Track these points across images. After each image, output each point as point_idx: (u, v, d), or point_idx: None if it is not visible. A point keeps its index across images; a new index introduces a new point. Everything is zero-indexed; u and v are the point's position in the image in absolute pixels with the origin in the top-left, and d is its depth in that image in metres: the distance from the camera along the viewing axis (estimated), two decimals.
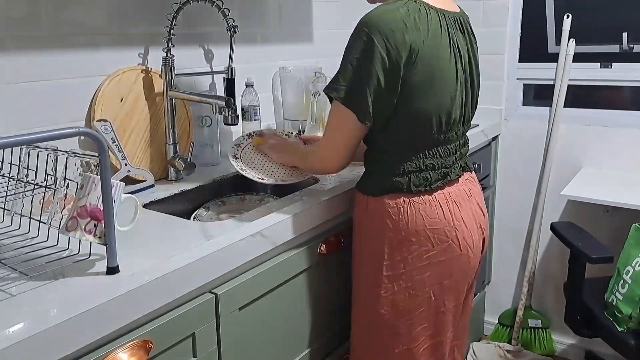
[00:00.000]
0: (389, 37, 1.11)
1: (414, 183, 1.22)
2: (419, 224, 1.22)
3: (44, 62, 1.34)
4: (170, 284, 0.97)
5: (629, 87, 2.19)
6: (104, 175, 0.89)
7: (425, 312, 1.27)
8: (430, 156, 1.23)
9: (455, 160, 1.29)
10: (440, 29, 1.18)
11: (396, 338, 1.29)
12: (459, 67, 1.22)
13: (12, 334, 0.76)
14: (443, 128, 1.22)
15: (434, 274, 1.25)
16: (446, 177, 1.25)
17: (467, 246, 1.26)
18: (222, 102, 1.46)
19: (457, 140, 1.29)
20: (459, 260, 1.26)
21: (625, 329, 1.74)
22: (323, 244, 1.35)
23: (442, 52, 1.18)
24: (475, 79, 1.32)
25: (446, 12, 1.22)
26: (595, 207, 2.20)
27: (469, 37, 1.30)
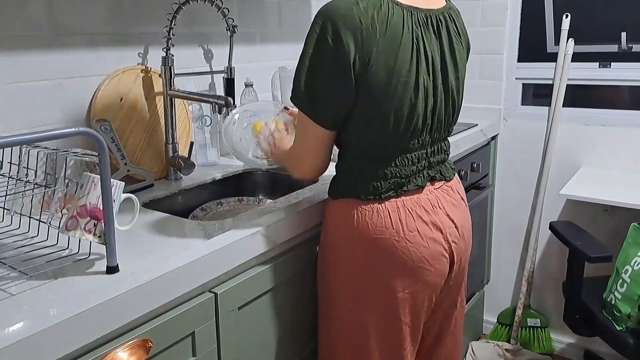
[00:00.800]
0: (342, 31, 1.04)
1: (364, 191, 1.15)
2: (366, 232, 1.14)
3: (43, 61, 1.34)
4: (170, 283, 0.97)
5: (627, 87, 2.20)
6: (103, 174, 0.89)
7: (380, 324, 1.20)
8: (383, 165, 1.15)
9: (418, 170, 1.18)
10: (401, 28, 1.08)
11: (355, 349, 1.23)
12: (422, 71, 1.11)
13: (11, 334, 0.76)
14: (400, 136, 1.13)
15: (384, 285, 1.17)
16: (401, 188, 1.15)
17: (422, 258, 1.16)
18: (222, 101, 1.46)
19: (421, 149, 1.18)
20: (412, 273, 1.16)
21: (624, 328, 1.74)
22: None
23: (401, 55, 1.08)
24: (454, 83, 1.19)
25: (416, 9, 1.11)
26: (594, 206, 2.21)
27: (448, 37, 1.18)
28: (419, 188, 1.18)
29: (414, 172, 1.17)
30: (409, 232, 1.15)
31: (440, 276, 1.21)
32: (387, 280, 1.17)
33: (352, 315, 1.21)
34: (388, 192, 1.15)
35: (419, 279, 1.18)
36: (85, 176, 0.95)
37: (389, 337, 1.21)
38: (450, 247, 1.21)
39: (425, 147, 1.19)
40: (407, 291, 1.18)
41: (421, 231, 1.16)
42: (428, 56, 1.13)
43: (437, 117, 1.18)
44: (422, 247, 1.16)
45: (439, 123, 1.19)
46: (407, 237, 1.14)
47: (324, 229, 1.25)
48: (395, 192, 1.15)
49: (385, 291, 1.17)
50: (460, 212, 1.25)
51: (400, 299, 1.18)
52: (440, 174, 1.23)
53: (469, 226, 1.30)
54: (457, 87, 1.22)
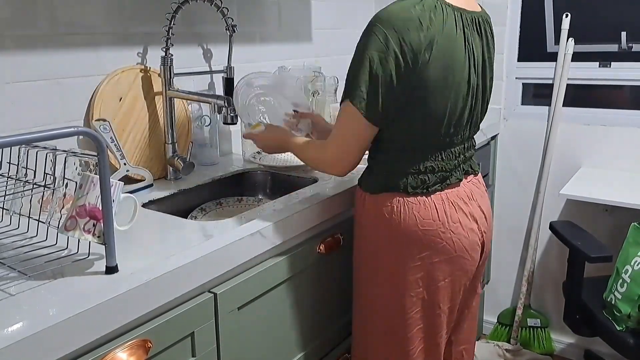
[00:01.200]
0: (404, 35, 1.09)
1: (411, 185, 1.20)
2: (412, 225, 1.20)
3: (42, 61, 1.34)
4: (169, 284, 0.97)
5: (627, 87, 2.20)
6: (102, 174, 0.89)
7: (420, 313, 1.26)
8: (431, 159, 1.21)
9: (458, 164, 1.26)
10: (455, 28, 1.15)
11: (392, 338, 1.28)
12: (471, 70, 1.20)
13: (11, 334, 0.76)
14: (450, 131, 1.20)
15: (427, 275, 1.23)
16: (445, 181, 1.23)
17: (463, 248, 1.24)
18: (221, 101, 1.46)
19: (461, 143, 1.27)
20: (454, 262, 1.24)
21: (624, 328, 1.74)
22: (322, 244, 1.35)
23: (457, 53, 1.15)
24: (488, 83, 1.29)
25: (464, 11, 1.19)
26: (594, 206, 2.21)
27: (486, 38, 1.27)
28: (458, 181, 1.26)
29: (455, 166, 1.25)
30: (453, 224, 1.22)
31: (474, 265, 1.29)
32: (430, 270, 1.23)
33: (393, 304, 1.26)
34: (435, 186, 1.21)
35: (459, 268, 1.25)
36: (85, 176, 0.95)
37: (427, 325, 1.28)
38: (482, 237, 1.30)
39: (464, 142, 1.28)
40: (447, 280, 1.25)
41: (462, 222, 1.23)
42: (476, 56, 1.21)
43: (476, 113, 1.27)
44: (464, 237, 1.23)
45: (476, 119, 1.29)
46: (451, 228, 1.22)
47: (359, 224, 1.30)
48: (440, 185, 1.22)
49: (428, 280, 1.23)
50: (487, 204, 1.34)
51: (441, 288, 1.25)
52: (471, 167, 1.32)
53: (491, 216, 1.38)
54: (491, 87, 1.32)
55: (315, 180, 1.54)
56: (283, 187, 1.63)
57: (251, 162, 1.73)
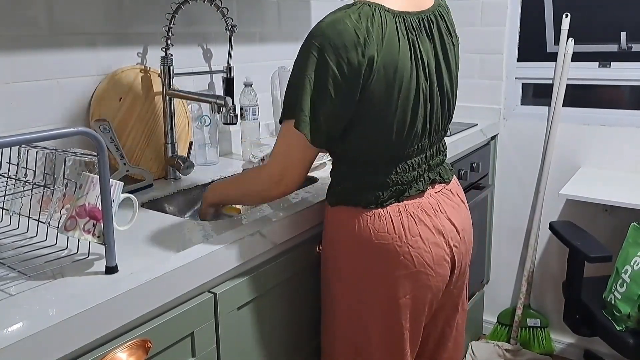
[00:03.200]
0: (341, 52, 1.02)
1: (365, 199, 1.14)
2: (367, 237, 1.14)
3: (42, 61, 1.34)
4: (169, 284, 0.97)
5: (627, 87, 2.20)
6: (102, 174, 0.89)
7: (381, 329, 1.19)
8: (384, 173, 1.14)
9: (419, 175, 1.18)
10: (397, 36, 1.07)
11: (357, 354, 1.23)
12: (420, 77, 1.11)
13: (11, 334, 0.76)
14: (402, 143, 1.13)
15: (386, 290, 1.16)
16: (402, 194, 1.15)
17: (424, 263, 1.15)
18: (221, 101, 1.46)
19: (421, 153, 1.18)
20: (415, 278, 1.16)
21: (624, 328, 1.74)
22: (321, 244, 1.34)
23: (400, 63, 1.07)
24: (448, 84, 1.19)
25: (407, 14, 1.10)
26: (594, 206, 2.21)
27: (440, 37, 1.17)
28: (420, 192, 1.18)
29: (414, 178, 1.17)
30: (412, 237, 1.14)
31: (441, 281, 1.21)
32: (389, 286, 1.16)
33: (354, 319, 1.21)
34: (389, 200, 1.14)
35: (421, 284, 1.17)
36: (84, 176, 0.95)
37: (389, 341, 1.21)
38: (452, 252, 1.21)
39: (424, 151, 1.19)
40: (408, 296, 1.17)
41: (423, 236, 1.15)
42: (424, 61, 1.12)
43: (434, 120, 1.18)
44: (425, 252, 1.15)
45: (437, 126, 1.19)
46: (409, 242, 1.14)
47: (324, 235, 1.25)
48: (396, 200, 1.15)
49: (386, 296, 1.17)
50: (460, 215, 1.25)
51: (402, 304, 1.17)
52: (439, 176, 1.23)
53: (470, 229, 1.29)
54: (451, 88, 1.21)
55: (315, 180, 1.54)
56: None
57: (251, 162, 1.73)
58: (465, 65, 2.40)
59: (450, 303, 1.31)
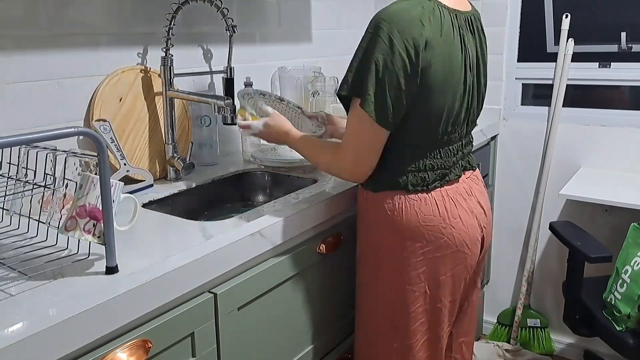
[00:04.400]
0: (408, 36, 1.10)
1: (411, 182, 1.22)
2: (413, 221, 1.22)
3: (42, 61, 1.34)
4: (169, 284, 0.97)
5: (627, 87, 2.20)
6: (102, 174, 0.89)
7: (422, 307, 1.28)
8: (431, 157, 1.23)
9: (457, 161, 1.29)
10: (452, 29, 1.18)
11: (395, 332, 1.30)
12: (467, 69, 1.22)
13: (11, 334, 0.76)
14: (448, 129, 1.23)
15: (429, 270, 1.25)
16: (444, 178, 1.25)
17: (463, 243, 1.26)
18: (221, 101, 1.46)
19: (459, 141, 1.29)
20: (455, 257, 1.26)
21: (624, 328, 1.74)
22: (322, 244, 1.35)
23: (454, 54, 1.18)
24: (482, 80, 1.31)
25: (458, 12, 1.21)
26: (594, 206, 2.21)
27: (479, 37, 1.29)
28: (457, 177, 1.28)
29: (454, 163, 1.27)
30: (453, 219, 1.24)
31: (474, 259, 1.31)
32: (432, 265, 1.25)
33: (395, 298, 1.28)
34: (434, 183, 1.24)
35: (460, 262, 1.27)
36: (85, 176, 0.95)
37: (430, 319, 1.30)
38: (482, 232, 1.32)
39: (462, 139, 1.31)
40: (448, 274, 1.27)
41: (462, 218, 1.25)
42: (471, 55, 1.24)
43: (472, 110, 1.29)
44: (464, 232, 1.25)
45: (473, 116, 1.31)
46: (452, 223, 1.24)
47: (362, 220, 1.32)
48: (440, 182, 1.24)
49: (429, 275, 1.25)
50: (486, 199, 1.36)
51: (442, 282, 1.27)
52: (469, 163, 1.35)
53: (491, 211, 1.39)
54: (485, 84, 1.34)
55: (315, 180, 1.54)
56: (283, 187, 1.63)
57: (251, 162, 1.73)
58: None
59: (471, 280, 1.38)
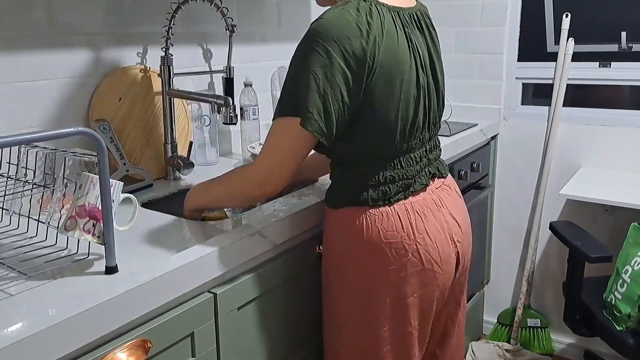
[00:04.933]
0: (346, 45, 1.02)
1: (372, 197, 1.13)
2: (375, 237, 1.13)
3: (42, 61, 1.33)
4: (169, 284, 0.97)
5: (627, 87, 2.19)
6: (102, 174, 0.89)
7: (389, 330, 1.18)
8: (390, 168, 1.14)
9: (421, 169, 1.19)
10: (395, 28, 1.09)
11: (363, 356, 1.21)
12: (419, 69, 1.13)
13: (10, 334, 0.76)
14: (406, 136, 1.13)
15: (395, 290, 1.15)
16: (408, 189, 1.15)
17: (431, 261, 1.15)
18: (221, 101, 1.46)
19: (422, 147, 1.19)
20: (422, 276, 1.16)
21: (624, 328, 1.74)
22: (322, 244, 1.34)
23: (400, 55, 1.08)
24: (440, 78, 1.21)
25: (400, 9, 1.12)
26: (594, 206, 2.21)
27: (428, 32, 1.20)
28: (424, 187, 1.18)
29: (417, 172, 1.18)
30: (419, 234, 1.14)
31: (448, 278, 1.21)
32: (397, 285, 1.15)
33: (361, 322, 1.19)
34: (397, 195, 1.14)
35: (429, 282, 1.17)
36: (84, 176, 0.95)
37: (398, 342, 1.20)
38: (456, 247, 1.21)
39: (424, 144, 1.20)
40: (416, 295, 1.17)
41: (430, 233, 1.15)
42: (421, 53, 1.15)
43: (432, 113, 1.19)
44: (432, 248, 1.15)
45: (434, 118, 1.21)
46: (417, 239, 1.14)
47: (326, 239, 1.23)
48: (404, 194, 1.15)
49: (395, 296, 1.16)
50: (460, 210, 1.26)
51: (410, 303, 1.17)
52: (437, 170, 1.24)
53: (469, 223, 1.29)
54: (443, 81, 1.24)
55: (315, 180, 1.54)
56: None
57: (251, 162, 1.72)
58: (465, 65, 2.41)
59: (452, 299, 1.31)
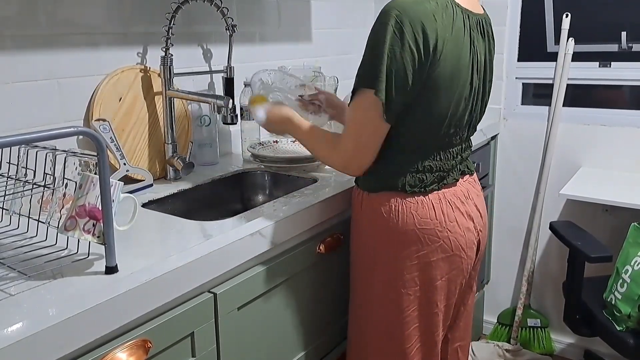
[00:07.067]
0: (419, 29, 1.07)
1: (409, 183, 1.20)
2: (410, 223, 1.20)
3: (42, 61, 1.33)
4: (169, 284, 0.97)
5: (627, 86, 2.19)
6: (102, 174, 0.89)
7: (417, 311, 1.26)
8: (430, 158, 1.21)
9: (455, 165, 1.26)
10: (463, 29, 1.15)
11: (389, 337, 1.28)
12: (474, 71, 1.20)
13: (10, 334, 0.76)
14: (451, 131, 1.20)
15: (424, 274, 1.23)
16: (442, 181, 1.23)
17: (459, 247, 1.24)
18: (221, 101, 1.46)
19: (460, 144, 1.27)
20: (451, 261, 1.24)
21: (624, 328, 1.74)
22: (322, 244, 1.35)
23: (463, 55, 1.15)
24: (488, 85, 1.29)
25: (470, 13, 1.19)
26: (594, 206, 2.21)
27: (488, 41, 1.27)
28: (455, 181, 1.26)
29: (453, 166, 1.25)
30: (450, 223, 1.22)
31: (470, 263, 1.30)
32: (427, 269, 1.23)
33: (390, 303, 1.26)
34: (432, 185, 1.22)
35: (456, 266, 1.25)
36: (84, 176, 0.95)
37: (424, 324, 1.28)
38: (478, 235, 1.30)
39: (462, 143, 1.28)
40: (444, 278, 1.25)
41: (459, 221, 1.24)
42: (479, 58, 1.22)
43: (475, 114, 1.27)
44: (460, 236, 1.24)
45: (475, 121, 1.29)
46: (448, 227, 1.22)
47: (356, 222, 1.30)
48: (437, 185, 1.22)
49: (425, 279, 1.24)
50: (482, 203, 1.35)
51: (438, 286, 1.25)
52: (467, 167, 1.33)
53: (487, 215, 1.38)
54: (490, 89, 1.32)
55: (315, 180, 1.54)
56: (283, 187, 1.63)
57: (251, 162, 1.73)
58: None
59: (467, 284, 1.36)
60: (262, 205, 1.31)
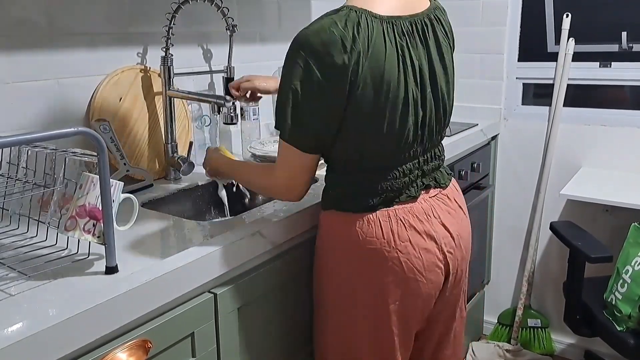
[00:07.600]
0: (327, 60, 1.01)
1: (356, 205, 1.13)
2: (356, 242, 1.13)
3: (42, 61, 1.33)
4: (169, 284, 0.97)
5: (628, 86, 2.19)
6: (102, 174, 0.89)
7: (372, 336, 1.18)
8: (375, 180, 1.13)
9: (411, 181, 1.15)
10: (384, 43, 1.05)
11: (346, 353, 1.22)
12: (410, 83, 1.08)
13: (10, 334, 0.76)
14: (393, 151, 1.12)
15: (376, 296, 1.15)
16: (392, 201, 1.13)
17: (414, 270, 1.13)
18: (221, 101, 1.46)
19: (413, 160, 1.15)
20: (404, 284, 1.14)
21: (625, 328, 1.74)
22: None
23: (388, 70, 1.05)
24: (444, 88, 1.16)
25: (398, 19, 1.08)
26: (594, 206, 2.20)
27: (434, 41, 1.14)
28: (413, 198, 1.16)
29: (406, 184, 1.15)
30: (401, 243, 1.12)
31: (433, 288, 1.18)
32: (378, 291, 1.15)
33: (345, 324, 1.20)
34: (380, 206, 1.13)
35: (411, 291, 1.15)
36: (84, 176, 0.95)
37: (380, 347, 1.20)
38: (445, 258, 1.18)
39: (417, 157, 1.17)
40: (397, 302, 1.16)
41: (413, 241, 1.13)
42: (415, 66, 1.10)
43: (427, 127, 1.15)
44: (415, 257, 1.13)
45: (430, 133, 1.16)
46: (398, 247, 1.12)
47: (317, 238, 1.24)
48: (385, 206, 1.14)
49: (376, 302, 1.16)
50: (457, 221, 1.22)
51: (392, 310, 1.16)
52: (435, 181, 1.21)
53: (468, 235, 1.27)
54: (448, 92, 1.19)
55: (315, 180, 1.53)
56: None
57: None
58: (465, 65, 2.40)
59: (447, 310, 1.29)
60: (262, 205, 1.31)
